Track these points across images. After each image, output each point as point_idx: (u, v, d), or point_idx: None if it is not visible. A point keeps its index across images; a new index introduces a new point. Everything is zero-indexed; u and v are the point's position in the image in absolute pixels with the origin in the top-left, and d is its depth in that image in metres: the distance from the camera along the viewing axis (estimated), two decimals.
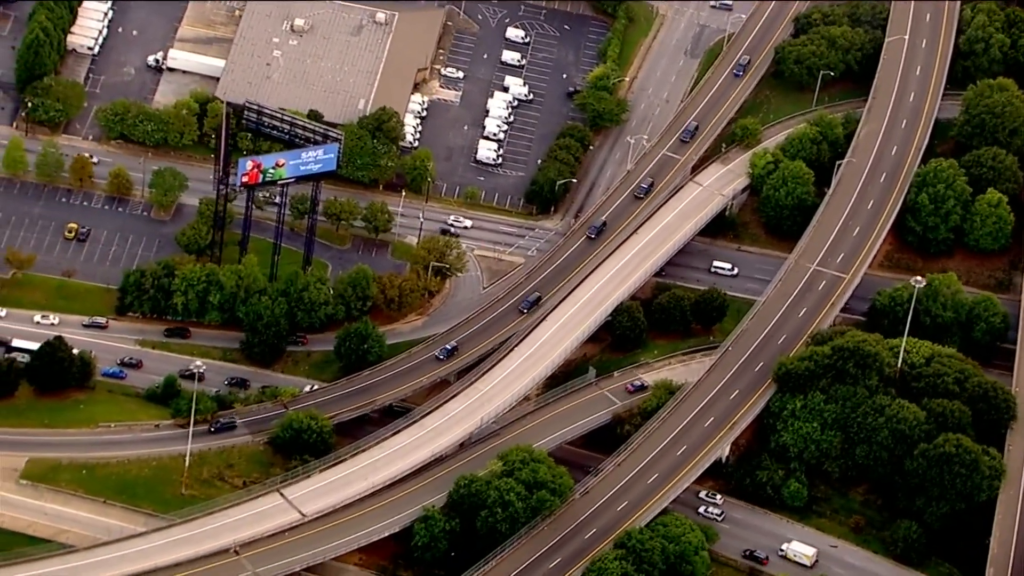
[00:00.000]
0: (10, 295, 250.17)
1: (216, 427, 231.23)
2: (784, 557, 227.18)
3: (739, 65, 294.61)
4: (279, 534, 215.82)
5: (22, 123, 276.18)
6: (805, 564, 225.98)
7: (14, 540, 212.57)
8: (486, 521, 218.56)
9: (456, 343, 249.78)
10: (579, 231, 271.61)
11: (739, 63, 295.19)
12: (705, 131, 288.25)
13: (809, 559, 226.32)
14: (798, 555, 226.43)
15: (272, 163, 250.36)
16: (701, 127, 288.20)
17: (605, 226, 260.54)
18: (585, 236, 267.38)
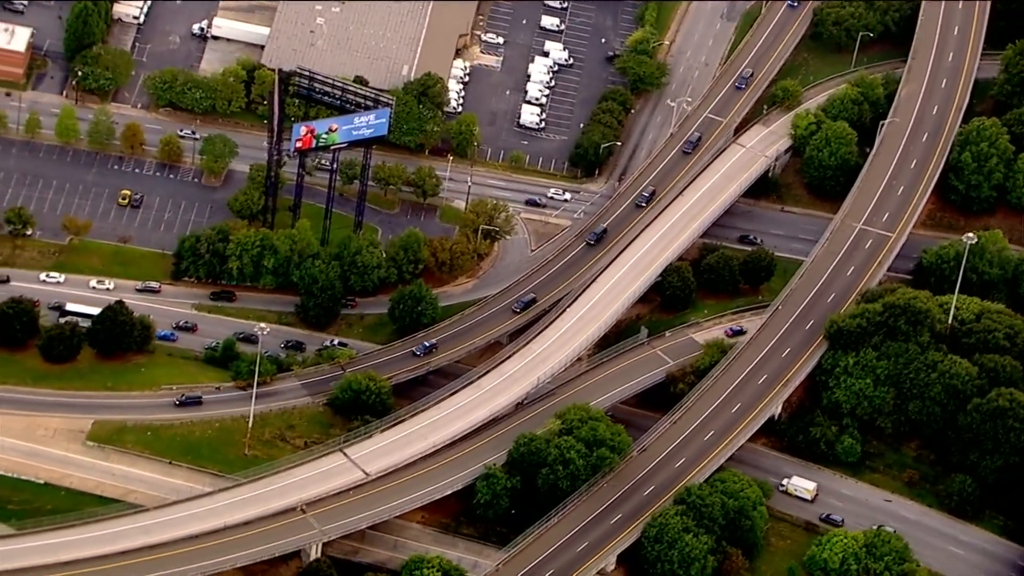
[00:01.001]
0: (68, 261, 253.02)
1: (181, 401, 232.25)
2: (785, 492, 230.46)
3: (742, 79, 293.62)
4: (344, 493, 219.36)
5: (71, 92, 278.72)
6: (807, 498, 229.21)
7: (84, 500, 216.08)
8: (547, 479, 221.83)
9: (534, 295, 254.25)
10: (626, 193, 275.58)
11: (742, 76, 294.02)
12: (749, 89, 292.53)
13: (810, 492, 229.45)
14: (799, 489, 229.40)
15: (325, 128, 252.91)
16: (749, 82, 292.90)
17: (606, 233, 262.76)
18: (634, 203, 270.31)
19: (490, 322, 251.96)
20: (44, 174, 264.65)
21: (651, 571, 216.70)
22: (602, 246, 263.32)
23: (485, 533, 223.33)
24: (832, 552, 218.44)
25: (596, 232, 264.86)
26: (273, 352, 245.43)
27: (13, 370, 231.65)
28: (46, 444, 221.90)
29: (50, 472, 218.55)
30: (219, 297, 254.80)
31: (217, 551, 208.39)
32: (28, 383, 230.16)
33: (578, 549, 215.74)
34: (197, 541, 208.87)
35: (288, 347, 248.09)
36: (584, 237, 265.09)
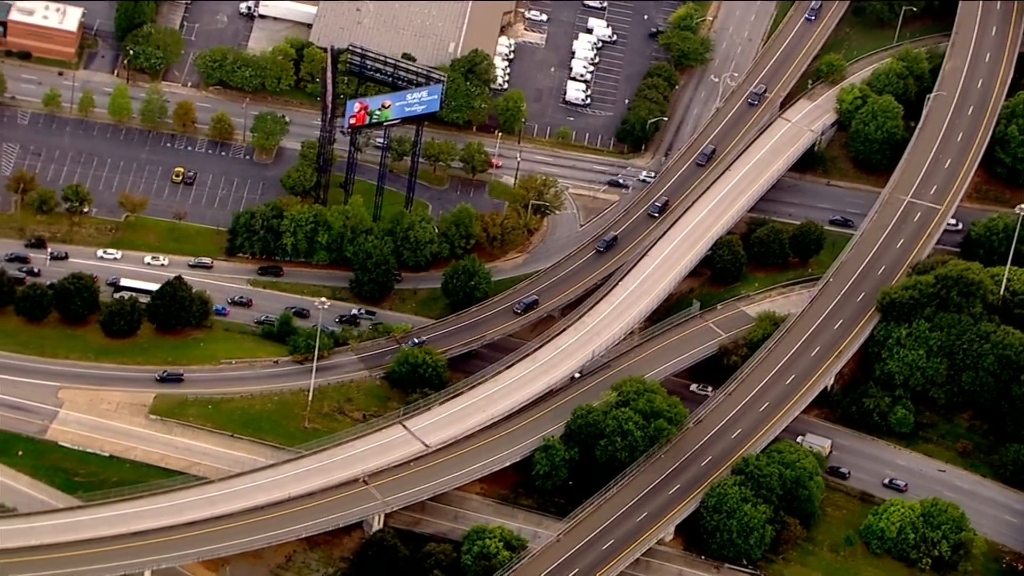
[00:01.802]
0: (124, 238, 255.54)
1: (162, 377, 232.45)
2: None
3: (812, 10, 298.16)
4: (404, 465, 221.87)
5: (123, 71, 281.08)
6: (822, 453, 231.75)
7: (149, 472, 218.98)
8: (605, 450, 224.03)
9: (536, 297, 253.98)
10: (683, 159, 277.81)
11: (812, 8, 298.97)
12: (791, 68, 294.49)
13: (824, 450, 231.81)
14: (814, 447, 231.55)
15: (378, 105, 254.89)
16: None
17: (616, 241, 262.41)
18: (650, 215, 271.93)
19: (541, 297, 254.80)
20: (98, 152, 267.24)
21: (710, 541, 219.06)
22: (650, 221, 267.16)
23: (543, 504, 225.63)
24: (889, 521, 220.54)
25: (658, 205, 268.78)
26: (326, 326, 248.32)
27: (75, 345, 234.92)
28: (110, 418, 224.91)
29: (114, 445, 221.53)
30: (267, 272, 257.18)
31: (282, 522, 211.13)
32: (90, 358, 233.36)
33: (637, 519, 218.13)
34: (262, 512, 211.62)
35: (344, 321, 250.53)
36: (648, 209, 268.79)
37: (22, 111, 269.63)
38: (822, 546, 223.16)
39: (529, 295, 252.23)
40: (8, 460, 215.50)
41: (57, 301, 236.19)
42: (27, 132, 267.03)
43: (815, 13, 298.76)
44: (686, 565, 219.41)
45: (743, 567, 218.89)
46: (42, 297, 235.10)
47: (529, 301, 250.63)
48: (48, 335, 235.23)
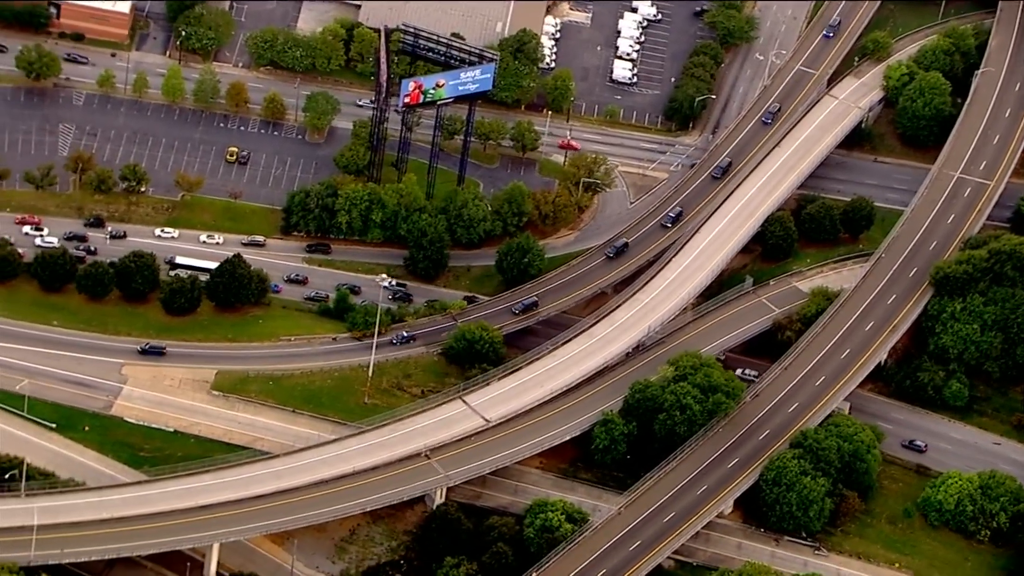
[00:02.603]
0: (181, 216, 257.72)
1: (144, 350, 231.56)
2: None
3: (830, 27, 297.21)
4: (465, 439, 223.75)
5: (175, 52, 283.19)
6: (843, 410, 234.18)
7: (213, 447, 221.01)
8: (664, 424, 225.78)
9: (626, 241, 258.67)
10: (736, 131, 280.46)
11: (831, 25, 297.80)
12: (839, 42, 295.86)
13: None
14: (840, 409, 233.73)
15: (432, 84, 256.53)
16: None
17: (627, 247, 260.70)
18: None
19: (594, 273, 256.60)
20: (153, 132, 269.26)
21: (769, 514, 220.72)
22: (702, 196, 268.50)
23: (602, 478, 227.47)
24: (947, 494, 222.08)
25: (722, 166, 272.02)
26: (375, 302, 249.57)
27: (137, 322, 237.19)
28: (173, 394, 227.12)
29: (178, 420, 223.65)
30: (315, 250, 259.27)
31: (346, 495, 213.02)
32: (152, 335, 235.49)
33: (697, 493, 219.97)
34: (326, 486, 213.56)
35: (396, 298, 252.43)
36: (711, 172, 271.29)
37: (77, 92, 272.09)
38: (880, 518, 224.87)
39: (529, 297, 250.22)
40: (75, 435, 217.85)
41: (118, 279, 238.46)
42: (82, 113, 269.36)
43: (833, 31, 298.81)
44: (745, 538, 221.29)
45: (802, 539, 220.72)
46: (103, 275, 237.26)
47: (529, 302, 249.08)
48: (110, 312, 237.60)
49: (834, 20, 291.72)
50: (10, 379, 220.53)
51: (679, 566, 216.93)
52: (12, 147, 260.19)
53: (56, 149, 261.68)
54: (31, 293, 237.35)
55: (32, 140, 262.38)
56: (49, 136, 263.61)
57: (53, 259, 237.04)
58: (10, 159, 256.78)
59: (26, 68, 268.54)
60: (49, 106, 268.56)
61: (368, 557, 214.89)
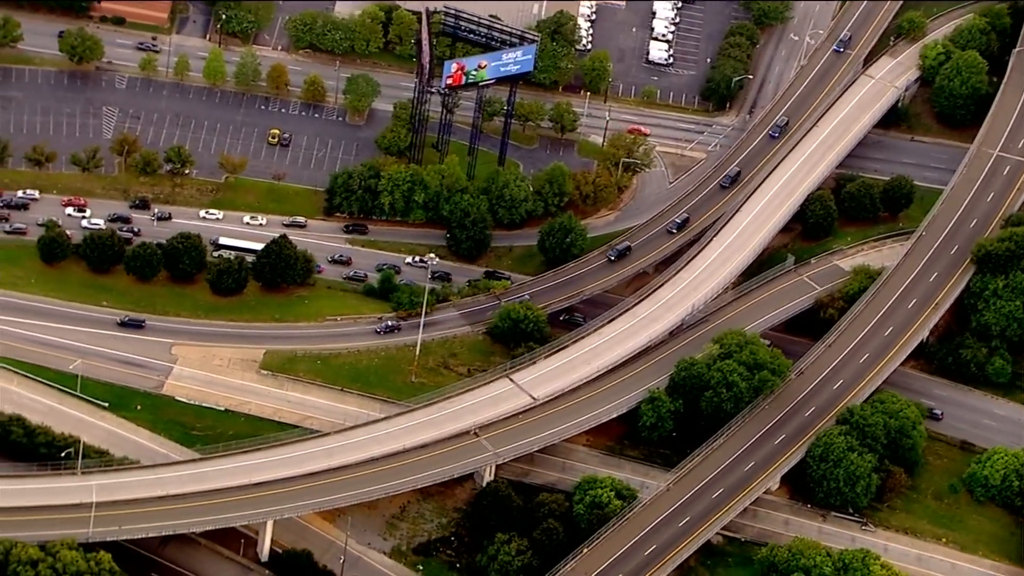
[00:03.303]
0: (225, 198, 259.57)
1: (123, 322, 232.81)
2: None
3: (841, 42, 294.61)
4: (513, 417, 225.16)
5: (215, 35, 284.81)
6: None
7: (264, 426, 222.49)
8: (711, 401, 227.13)
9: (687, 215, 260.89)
10: (760, 126, 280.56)
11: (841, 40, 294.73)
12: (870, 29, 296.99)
13: None
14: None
15: (475, 65, 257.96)
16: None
17: (630, 251, 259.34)
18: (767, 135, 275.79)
19: (640, 252, 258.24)
20: (195, 115, 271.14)
21: (816, 490, 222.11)
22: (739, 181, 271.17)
23: (649, 455, 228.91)
24: (993, 469, 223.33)
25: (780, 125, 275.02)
26: (412, 280, 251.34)
27: (185, 303, 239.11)
28: (222, 373, 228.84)
29: (229, 399, 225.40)
30: (353, 230, 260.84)
31: (396, 473, 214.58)
32: (200, 315, 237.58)
33: (744, 469, 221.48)
34: (377, 464, 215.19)
35: (436, 278, 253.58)
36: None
37: (119, 75, 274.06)
38: (926, 494, 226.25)
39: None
40: (128, 414, 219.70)
41: (166, 260, 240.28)
42: (125, 96, 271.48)
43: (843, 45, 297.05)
44: (792, 514, 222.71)
45: (849, 515, 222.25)
46: (152, 256, 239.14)
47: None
48: (158, 293, 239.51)
49: (844, 35, 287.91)
50: (63, 359, 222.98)
51: (727, 542, 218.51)
52: (57, 130, 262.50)
53: (100, 132, 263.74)
54: (80, 274, 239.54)
55: (76, 123, 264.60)
56: (93, 119, 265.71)
57: (102, 240, 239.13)
58: (55, 142, 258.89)
59: (69, 52, 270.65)
60: (92, 89, 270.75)
61: (418, 534, 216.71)
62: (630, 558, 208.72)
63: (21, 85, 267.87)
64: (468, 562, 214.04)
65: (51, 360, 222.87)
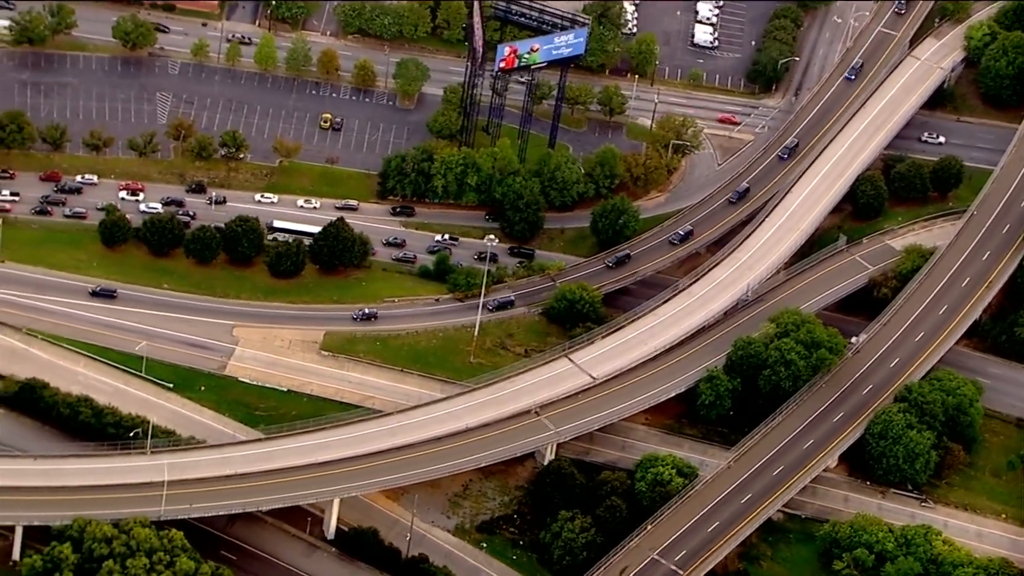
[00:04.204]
0: (279, 182, 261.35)
1: (94, 292, 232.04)
2: None
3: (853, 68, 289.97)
4: (573, 396, 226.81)
5: (264, 21, 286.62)
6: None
7: (326, 406, 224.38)
8: (769, 380, 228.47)
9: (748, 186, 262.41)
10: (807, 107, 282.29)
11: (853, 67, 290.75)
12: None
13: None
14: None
15: (527, 48, 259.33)
16: None
17: (692, 234, 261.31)
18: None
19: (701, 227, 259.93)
20: (247, 100, 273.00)
21: (875, 467, 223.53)
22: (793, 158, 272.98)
23: (707, 433, 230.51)
24: None
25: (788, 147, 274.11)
26: (459, 262, 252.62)
27: (244, 285, 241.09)
28: (283, 354, 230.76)
29: (290, 380, 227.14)
30: (399, 212, 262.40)
31: (459, 452, 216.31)
32: (259, 297, 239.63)
33: (804, 447, 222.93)
34: (440, 443, 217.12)
35: (481, 259, 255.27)
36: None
37: (172, 61, 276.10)
38: (983, 471, 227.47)
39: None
40: (192, 395, 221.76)
41: (225, 243, 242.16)
42: (178, 81, 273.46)
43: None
44: (851, 491, 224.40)
45: (908, 492, 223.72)
46: (211, 239, 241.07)
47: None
48: (217, 276, 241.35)
49: (857, 62, 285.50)
50: (128, 341, 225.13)
51: (787, 519, 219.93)
52: (112, 115, 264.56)
53: (155, 117, 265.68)
54: (140, 257, 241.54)
55: (131, 108, 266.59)
56: (147, 104, 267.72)
57: (162, 224, 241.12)
58: (111, 127, 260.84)
59: (122, 38, 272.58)
60: (146, 75, 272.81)
61: (481, 512, 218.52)
62: (693, 535, 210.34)
63: (76, 71, 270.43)
64: (531, 539, 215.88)
65: (115, 342, 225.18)
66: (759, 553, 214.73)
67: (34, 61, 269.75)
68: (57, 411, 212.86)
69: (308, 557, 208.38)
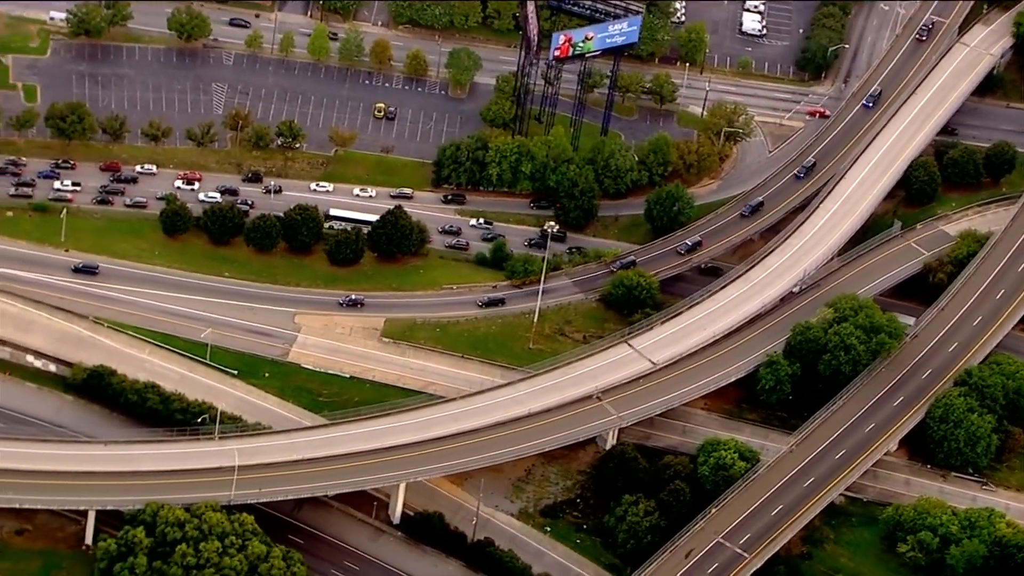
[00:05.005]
0: (335, 171, 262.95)
1: (77, 268, 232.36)
2: None
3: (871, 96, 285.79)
4: (634, 381, 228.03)
5: (315, 12, 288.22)
6: None
7: (388, 392, 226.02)
8: (829, 364, 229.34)
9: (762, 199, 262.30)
10: (858, 96, 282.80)
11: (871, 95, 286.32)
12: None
13: None
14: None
15: (582, 37, 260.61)
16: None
17: (762, 205, 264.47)
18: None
19: (742, 221, 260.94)
20: (301, 90, 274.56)
21: (936, 451, 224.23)
22: (840, 145, 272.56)
23: (767, 418, 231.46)
24: None
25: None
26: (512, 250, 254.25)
27: (304, 273, 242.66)
28: (345, 341, 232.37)
29: (353, 367, 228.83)
30: (451, 200, 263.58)
31: (523, 437, 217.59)
32: (319, 285, 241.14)
33: (865, 430, 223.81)
34: (503, 428, 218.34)
35: (532, 245, 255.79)
36: None
37: (226, 52, 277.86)
38: None
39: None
40: (256, 382, 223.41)
41: (285, 231, 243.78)
42: (233, 72, 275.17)
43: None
44: (912, 474, 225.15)
45: (969, 475, 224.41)
46: (271, 228, 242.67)
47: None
48: (278, 264, 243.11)
49: (875, 90, 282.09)
50: (191, 328, 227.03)
51: (849, 502, 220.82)
52: (169, 106, 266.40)
53: (211, 107, 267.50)
54: (200, 246, 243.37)
55: (188, 99, 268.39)
56: (203, 95, 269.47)
57: (222, 213, 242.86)
58: (168, 118, 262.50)
59: (178, 29, 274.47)
60: (201, 66, 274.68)
61: (544, 496, 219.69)
62: (757, 518, 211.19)
63: (132, 63, 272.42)
64: (595, 523, 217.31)
65: (180, 329, 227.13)
66: (822, 536, 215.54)
67: (91, 53, 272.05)
68: (125, 398, 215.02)
69: (375, 541, 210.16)
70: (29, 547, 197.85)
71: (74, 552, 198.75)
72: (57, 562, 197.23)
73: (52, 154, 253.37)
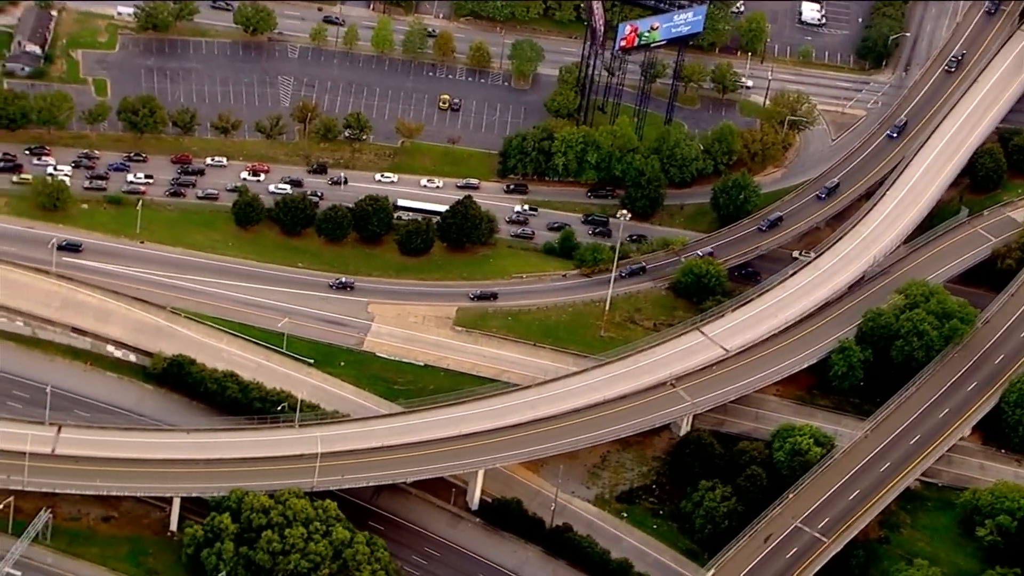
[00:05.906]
0: (401, 162, 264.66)
1: (60, 245, 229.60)
2: None
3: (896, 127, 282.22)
4: (707, 368, 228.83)
5: (378, 5, 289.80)
6: None
7: (462, 380, 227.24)
8: (902, 350, 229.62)
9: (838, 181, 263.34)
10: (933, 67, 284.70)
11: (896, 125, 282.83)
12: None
13: None
14: None
15: (647, 27, 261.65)
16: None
17: (838, 187, 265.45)
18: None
19: (808, 208, 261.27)
20: (366, 82, 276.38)
21: (1011, 435, 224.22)
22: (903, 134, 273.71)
23: (839, 404, 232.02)
24: None
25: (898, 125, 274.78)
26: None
27: (375, 263, 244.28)
28: (418, 330, 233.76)
29: (427, 355, 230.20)
30: (513, 191, 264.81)
31: (599, 423, 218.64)
32: (391, 275, 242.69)
33: (940, 415, 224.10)
34: (579, 415, 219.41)
35: (596, 233, 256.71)
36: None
37: (291, 46, 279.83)
38: None
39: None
40: (332, 370, 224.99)
41: (356, 222, 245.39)
42: (298, 65, 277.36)
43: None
44: (986, 459, 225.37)
45: None
46: (342, 219, 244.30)
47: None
48: (349, 254, 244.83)
49: (900, 121, 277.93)
50: (267, 318, 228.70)
51: (924, 487, 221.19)
52: (237, 99, 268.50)
53: (278, 100, 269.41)
54: (272, 237, 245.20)
55: (254, 92, 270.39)
56: (270, 88, 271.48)
57: (294, 204, 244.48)
58: (235, 110, 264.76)
59: (244, 23, 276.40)
60: (267, 59, 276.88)
61: (620, 482, 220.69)
62: (834, 503, 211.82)
63: (199, 57, 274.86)
64: (671, 509, 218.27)
65: (256, 319, 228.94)
66: (899, 521, 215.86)
67: (159, 47, 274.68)
68: (204, 386, 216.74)
69: (454, 527, 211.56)
70: (115, 534, 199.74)
71: (159, 538, 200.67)
72: (143, 548, 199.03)
73: (124, 147, 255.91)
